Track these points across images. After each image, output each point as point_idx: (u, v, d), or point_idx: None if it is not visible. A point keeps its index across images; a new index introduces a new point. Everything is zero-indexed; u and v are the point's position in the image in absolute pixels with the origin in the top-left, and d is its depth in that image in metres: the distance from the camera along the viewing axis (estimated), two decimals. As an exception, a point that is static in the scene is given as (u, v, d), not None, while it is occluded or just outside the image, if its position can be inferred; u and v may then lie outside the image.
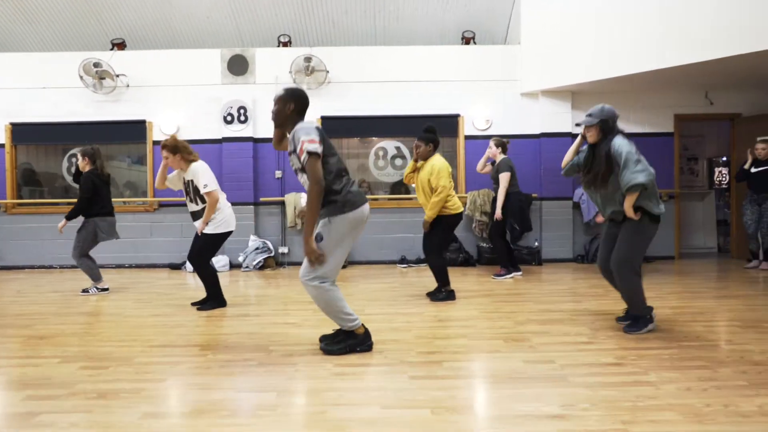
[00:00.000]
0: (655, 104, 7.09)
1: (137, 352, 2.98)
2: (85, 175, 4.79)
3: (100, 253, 6.92)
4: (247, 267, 6.61)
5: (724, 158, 8.85)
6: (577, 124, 3.54)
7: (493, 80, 7.08)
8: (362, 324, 2.96)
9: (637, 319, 3.34)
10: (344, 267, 6.70)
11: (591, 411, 2.09)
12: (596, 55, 6.28)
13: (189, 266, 6.56)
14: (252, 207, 6.94)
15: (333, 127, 7.05)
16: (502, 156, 5.67)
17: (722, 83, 6.71)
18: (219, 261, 6.58)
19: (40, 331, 3.52)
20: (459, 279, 5.64)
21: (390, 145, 7.29)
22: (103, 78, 6.73)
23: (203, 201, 4.09)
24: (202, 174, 4.00)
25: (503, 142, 5.72)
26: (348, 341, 2.92)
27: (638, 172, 3.12)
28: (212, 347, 3.07)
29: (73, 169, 5.35)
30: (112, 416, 2.08)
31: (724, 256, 7.58)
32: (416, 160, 4.47)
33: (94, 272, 4.97)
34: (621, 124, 7.13)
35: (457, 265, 6.65)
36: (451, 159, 7.39)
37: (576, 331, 3.34)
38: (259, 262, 6.63)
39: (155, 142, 7.01)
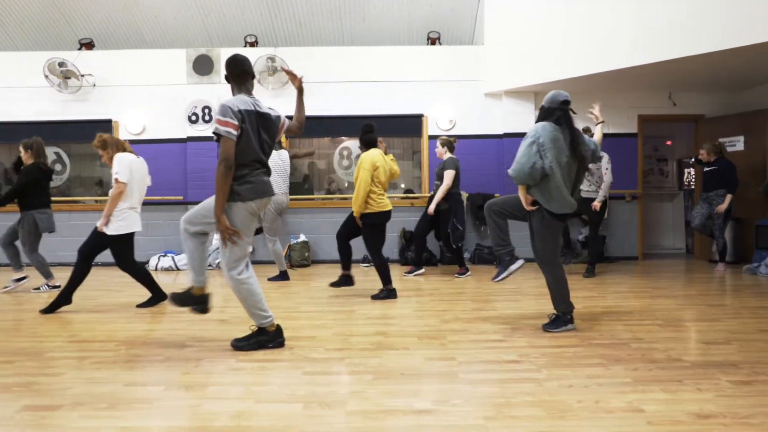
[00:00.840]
0: (620, 105, 7.11)
1: (53, 347, 3.03)
2: (28, 166, 4.84)
3: (69, 251, 7.00)
4: (210, 265, 6.65)
5: (693, 159, 8.84)
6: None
7: (457, 80, 7.11)
8: (274, 322, 3.00)
9: (558, 318, 3.37)
10: (307, 266, 6.75)
11: (460, 407, 2.12)
12: (559, 55, 6.30)
13: (153, 264, 6.62)
14: (216, 206, 6.98)
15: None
16: (449, 155, 5.69)
17: (686, 85, 6.72)
18: (181, 259, 6.63)
19: (-30, 326, 3.57)
20: (416, 278, 5.68)
21: (354, 144, 7.33)
22: (69, 78, 6.79)
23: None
24: (117, 163, 3.99)
25: (449, 141, 5.75)
26: (258, 337, 2.96)
27: (515, 162, 3.19)
28: (130, 343, 3.11)
29: (14, 159, 5.28)
30: (-9, 408, 2.13)
31: (692, 256, 7.59)
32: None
33: (45, 270, 5.02)
34: (584, 125, 7.21)
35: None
36: (405, 158, 7.45)
37: (495, 330, 3.37)
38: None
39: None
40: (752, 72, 5.99)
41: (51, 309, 3.97)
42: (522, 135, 6.90)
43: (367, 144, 4.47)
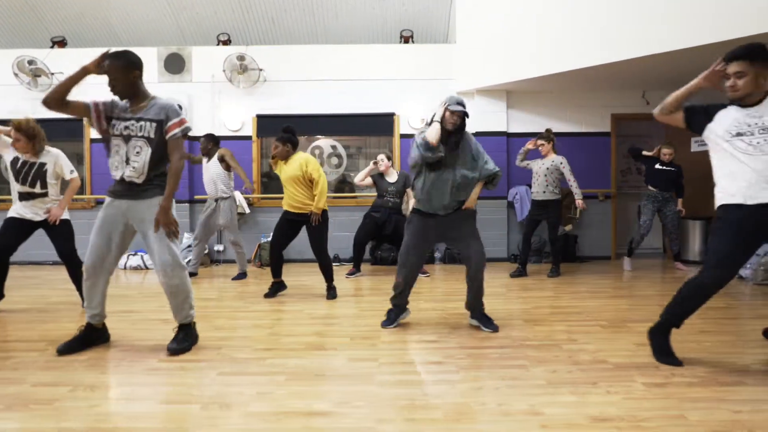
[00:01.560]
0: (592, 104, 7.06)
1: (-18, 347, 3.02)
2: None
3: (38, 249, 6.99)
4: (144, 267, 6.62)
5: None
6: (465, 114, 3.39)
7: (429, 79, 7.07)
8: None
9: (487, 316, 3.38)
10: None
11: (360, 409, 2.10)
12: (531, 54, 6.25)
13: (121, 263, 6.61)
14: (187, 205, 6.98)
15: (268, 125, 7.09)
16: None
17: (659, 82, 6.66)
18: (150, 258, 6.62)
19: None
20: (381, 278, 5.66)
21: (326, 143, 7.30)
22: (39, 76, 6.78)
23: (44, 186, 3.89)
24: (65, 160, 3.98)
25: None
26: (190, 338, 2.94)
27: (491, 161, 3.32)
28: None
29: None
30: None
31: (666, 256, 7.55)
32: (274, 158, 4.49)
33: None
34: (559, 124, 7.18)
35: (388, 264, 6.65)
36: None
37: (433, 330, 3.35)
38: (189, 259, 6.66)
39: (92, 140, 7.06)
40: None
41: None
42: (495, 134, 6.98)
43: (294, 145, 4.47)
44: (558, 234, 5.72)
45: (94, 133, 7.04)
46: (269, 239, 6.84)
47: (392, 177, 5.83)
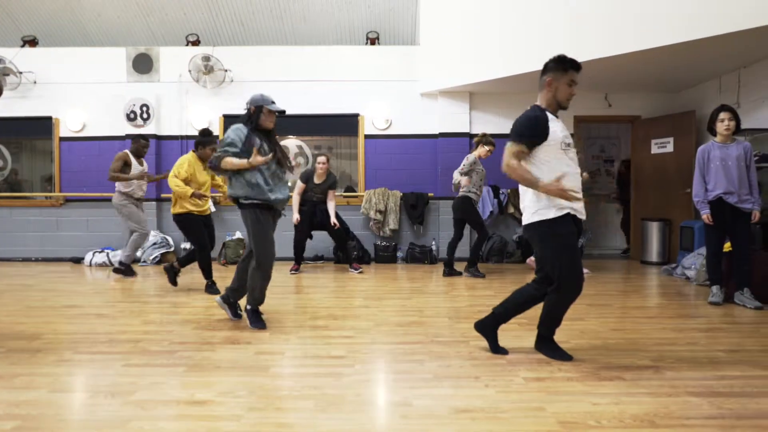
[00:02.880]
0: (555, 106, 7.12)
1: None
2: None
3: (6, 246, 7.11)
4: (144, 261, 6.75)
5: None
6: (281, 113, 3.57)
7: (394, 80, 7.16)
8: None
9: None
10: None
11: (239, 399, 2.19)
12: (493, 55, 6.32)
13: (87, 259, 6.72)
14: (154, 203, 7.08)
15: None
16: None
17: (622, 86, 6.74)
18: (115, 255, 6.72)
19: None
20: (338, 274, 5.75)
21: (292, 144, 7.40)
22: (6, 74, 6.89)
23: None
24: None
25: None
26: None
27: None
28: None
29: None
30: None
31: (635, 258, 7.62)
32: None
33: None
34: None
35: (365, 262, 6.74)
36: (351, 158, 7.51)
37: (354, 326, 3.44)
38: (156, 257, 6.77)
39: (62, 138, 7.17)
40: (685, 73, 6.00)
41: None
42: (458, 135, 7.07)
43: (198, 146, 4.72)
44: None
45: (63, 132, 7.16)
46: (234, 237, 6.97)
47: (322, 178, 5.99)
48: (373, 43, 7.48)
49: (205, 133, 4.64)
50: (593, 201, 8.15)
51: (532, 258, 5.94)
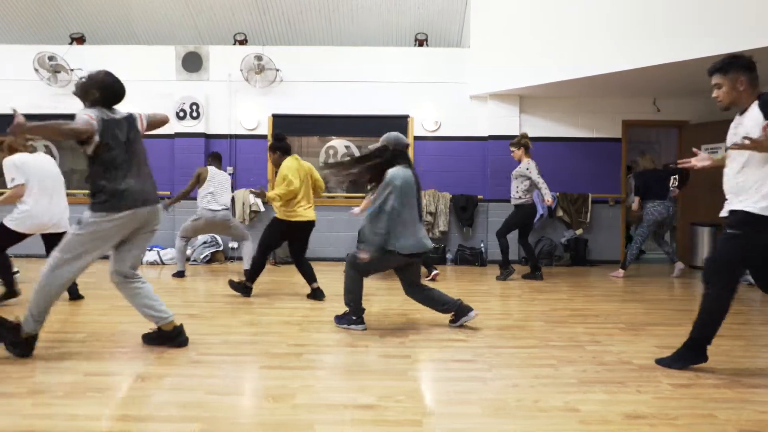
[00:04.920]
0: (604, 110, 7.16)
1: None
2: None
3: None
4: (194, 260, 6.73)
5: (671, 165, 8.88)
6: None
7: (443, 82, 7.16)
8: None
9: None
10: (292, 263, 6.81)
11: (402, 403, 2.20)
12: (544, 59, 6.34)
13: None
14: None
15: (283, 125, 7.16)
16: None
17: (671, 90, 6.77)
18: (167, 254, 6.70)
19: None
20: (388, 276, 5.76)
21: (340, 144, 7.40)
22: (58, 72, 6.86)
23: None
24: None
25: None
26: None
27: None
28: (98, 335, 3.18)
29: None
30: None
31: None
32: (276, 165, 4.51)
33: None
34: (570, 129, 7.24)
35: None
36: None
37: (459, 330, 3.44)
38: (207, 256, 6.75)
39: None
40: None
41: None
42: (507, 137, 7.06)
43: (283, 151, 4.47)
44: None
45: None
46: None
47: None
48: (421, 44, 7.48)
49: (281, 138, 4.54)
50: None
51: (621, 271, 5.97)
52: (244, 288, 4.46)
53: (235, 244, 7.09)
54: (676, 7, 5.19)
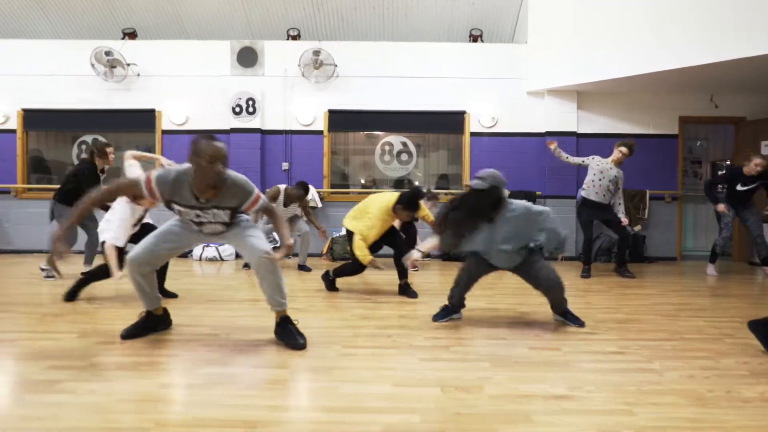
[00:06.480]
0: (660, 106, 7.14)
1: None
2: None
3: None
4: (216, 258, 6.65)
5: (728, 162, 8.87)
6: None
7: (500, 78, 7.13)
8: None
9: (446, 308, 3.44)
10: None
11: (596, 393, 2.15)
12: (602, 55, 6.32)
13: (197, 253, 6.62)
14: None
15: (339, 120, 7.13)
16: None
17: (728, 86, 6.75)
18: (225, 250, 6.64)
19: (53, 309, 3.58)
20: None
21: (396, 140, 7.35)
22: (114, 67, 6.79)
23: None
24: None
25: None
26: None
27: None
28: (229, 329, 3.13)
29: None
30: (129, 386, 2.15)
31: (726, 258, 7.63)
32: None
33: None
34: (627, 125, 7.21)
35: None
36: (456, 156, 7.46)
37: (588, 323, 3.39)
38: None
39: (164, 131, 7.08)
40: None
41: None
42: (565, 134, 7.03)
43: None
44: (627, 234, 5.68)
45: (165, 125, 7.06)
46: (341, 233, 6.90)
47: None
48: (475, 40, 7.44)
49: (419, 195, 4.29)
50: (686, 201, 8.15)
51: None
52: (330, 282, 4.46)
53: (290, 241, 7.02)
54: (736, 4, 5.18)
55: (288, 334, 2.77)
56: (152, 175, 2.54)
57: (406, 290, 4.29)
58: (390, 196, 4.24)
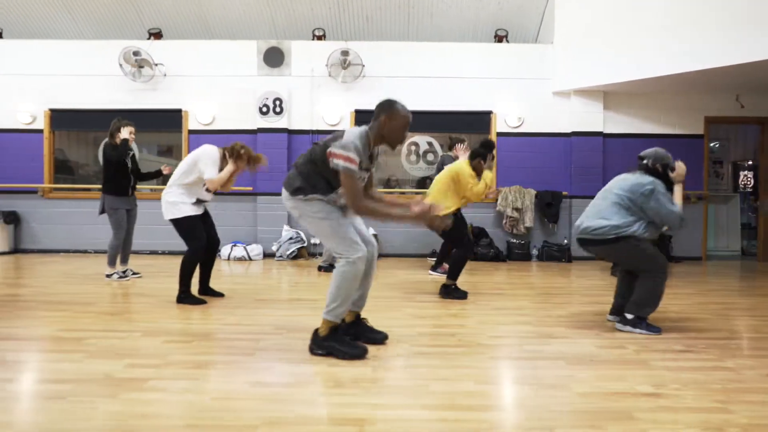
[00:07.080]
0: (686, 106, 7.15)
1: (213, 329, 3.04)
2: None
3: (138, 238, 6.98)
4: (280, 256, 6.67)
5: (750, 162, 8.90)
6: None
7: (525, 78, 7.14)
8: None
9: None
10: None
11: (684, 391, 2.15)
12: (628, 55, 6.32)
13: (225, 253, 6.62)
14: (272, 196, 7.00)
15: (366, 120, 7.09)
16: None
17: (753, 86, 6.75)
18: (253, 249, 6.65)
19: (105, 308, 3.58)
20: (489, 272, 5.71)
21: (422, 140, 7.36)
22: (142, 66, 6.79)
23: None
24: None
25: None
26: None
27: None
28: (287, 328, 3.12)
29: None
30: (217, 384, 2.14)
31: (749, 258, 7.64)
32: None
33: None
34: (652, 125, 7.20)
35: (487, 260, 6.71)
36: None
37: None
38: (293, 252, 6.69)
39: (191, 131, 7.08)
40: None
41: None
42: (591, 134, 7.04)
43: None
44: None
45: (192, 124, 7.07)
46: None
47: None
48: (500, 40, 7.45)
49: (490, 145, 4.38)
50: (712, 202, 8.15)
51: None
52: (456, 290, 4.18)
53: (317, 240, 7.04)
54: (762, 5, 5.17)
55: (368, 330, 2.80)
56: (351, 155, 2.51)
57: (451, 292, 4.16)
58: (451, 167, 4.34)
